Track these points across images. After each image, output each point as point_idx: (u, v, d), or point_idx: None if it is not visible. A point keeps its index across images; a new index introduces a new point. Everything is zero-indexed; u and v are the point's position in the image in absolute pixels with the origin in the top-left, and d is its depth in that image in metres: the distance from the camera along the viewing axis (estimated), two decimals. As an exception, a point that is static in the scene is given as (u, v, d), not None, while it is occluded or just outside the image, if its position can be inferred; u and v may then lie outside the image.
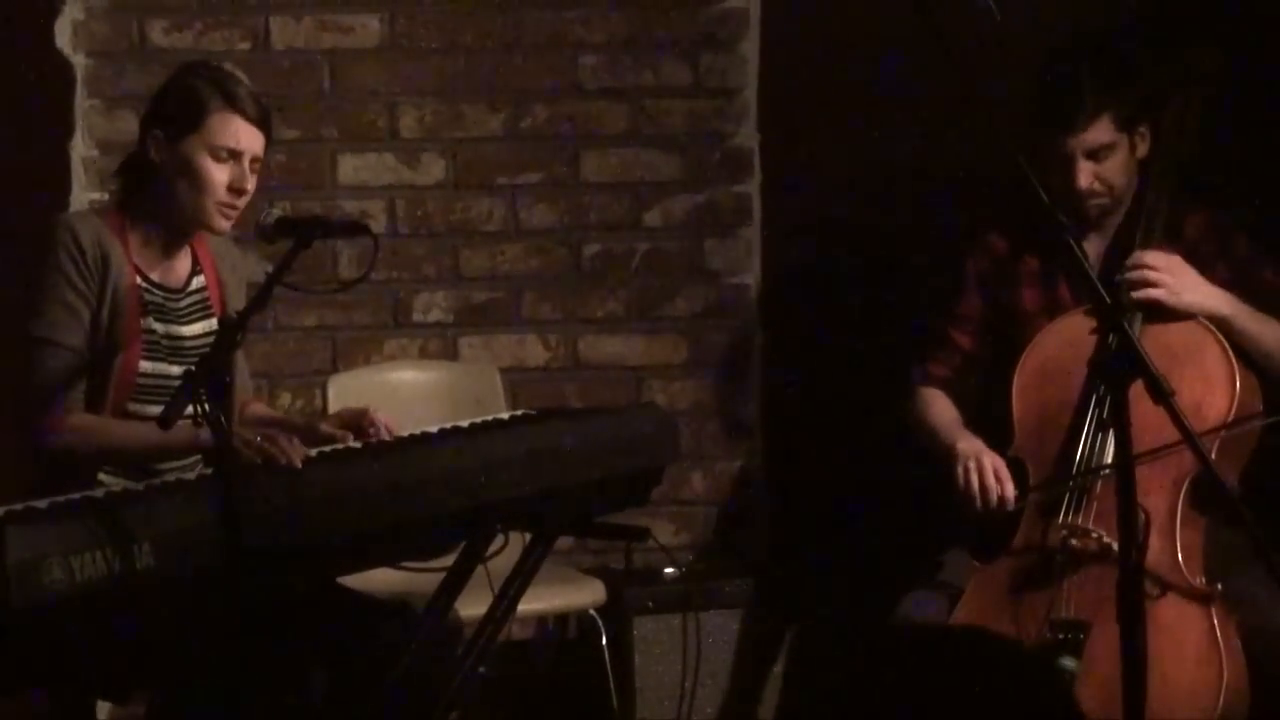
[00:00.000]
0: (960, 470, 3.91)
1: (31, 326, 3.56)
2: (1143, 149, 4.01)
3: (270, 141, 3.69)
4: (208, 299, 3.77)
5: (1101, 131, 3.94)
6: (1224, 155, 4.04)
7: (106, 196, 3.73)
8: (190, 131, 3.60)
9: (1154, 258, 3.88)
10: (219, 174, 3.61)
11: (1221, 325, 3.85)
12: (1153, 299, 3.85)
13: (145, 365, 3.62)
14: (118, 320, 3.59)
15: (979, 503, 3.88)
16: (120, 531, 3.03)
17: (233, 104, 3.61)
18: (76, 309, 3.56)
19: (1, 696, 3.25)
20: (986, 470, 3.89)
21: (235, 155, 3.61)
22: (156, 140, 3.63)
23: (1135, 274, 3.87)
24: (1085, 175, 3.95)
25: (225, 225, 3.66)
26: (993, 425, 3.98)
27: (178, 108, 3.63)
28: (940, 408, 4.14)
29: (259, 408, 3.98)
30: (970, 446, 3.96)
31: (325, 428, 3.64)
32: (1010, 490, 3.88)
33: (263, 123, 3.66)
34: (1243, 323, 3.88)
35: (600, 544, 4.80)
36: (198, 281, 3.76)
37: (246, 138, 3.63)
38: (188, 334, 3.70)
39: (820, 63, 4.84)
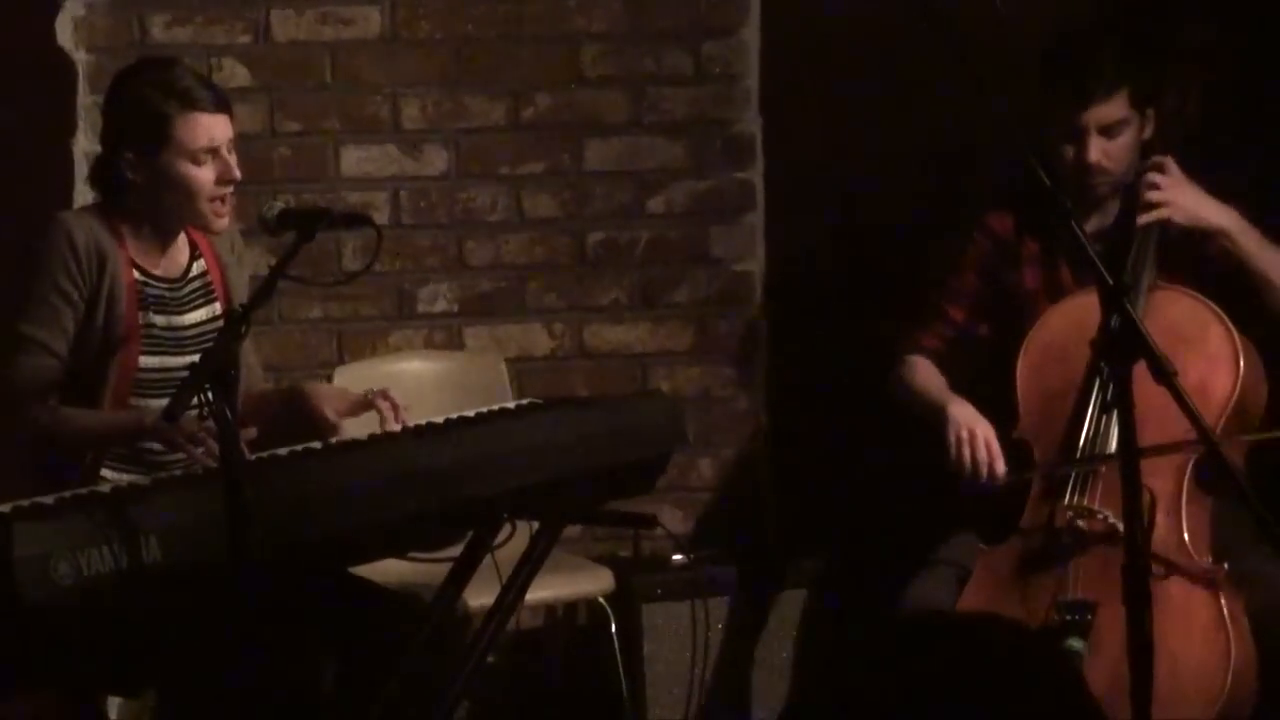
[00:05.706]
0: (952, 438, 3.90)
1: (16, 321, 3.58)
2: (1148, 130, 4.01)
3: (234, 117, 3.67)
4: (210, 284, 3.76)
5: (1117, 106, 3.93)
6: (1225, 137, 4.03)
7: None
8: (162, 145, 3.58)
9: (1160, 178, 3.91)
10: (204, 175, 3.59)
11: (1226, 240, 3.87)
12: (1161, 217, 3.88)
13: (146, 360, 3.62)
14: (115, 317, 3.59)
15: (968, 474, 3.88)
16: (127, 526, 3.03)
17: (191, 103, 3.58)
18: (59, 311, 3.56)
19: (13, 692, 3.26)
20: (979, 441, 3.88)
21: (213, 151, 3.60)
22: (130, 161, 3.60)
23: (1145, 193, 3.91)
24: (1095, 150, 3.93)
25: (223, 224, 3.65)
26: (994, 407, 3.97)
27: (140, 125, 3.59)
28: (927, 374, 4.11)
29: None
30: (962, 413, 3.93)
31: (330, 414, 3.65)
32: (1000, 466, 3.86)
33: (223, 105, 3.64)
34: (1246, 241, 3.89)
35: (608, 532, 4.79)
36: (198, 267, 3.76)
37: (217, 130, 3.61)
38: (189, 322, 3.70)
39: (822, 48, 4.83)
